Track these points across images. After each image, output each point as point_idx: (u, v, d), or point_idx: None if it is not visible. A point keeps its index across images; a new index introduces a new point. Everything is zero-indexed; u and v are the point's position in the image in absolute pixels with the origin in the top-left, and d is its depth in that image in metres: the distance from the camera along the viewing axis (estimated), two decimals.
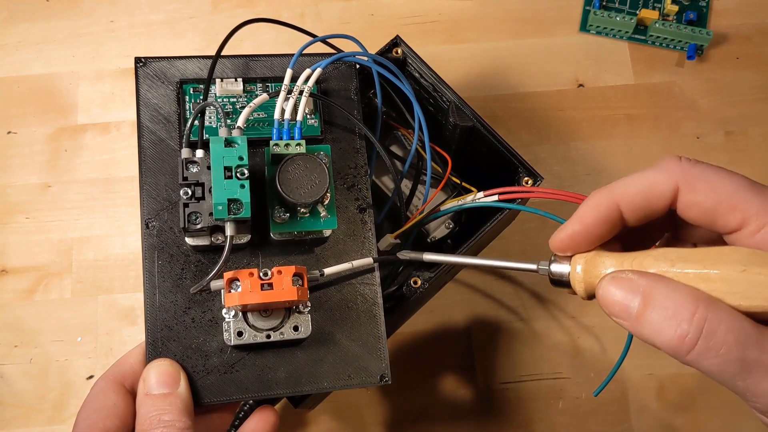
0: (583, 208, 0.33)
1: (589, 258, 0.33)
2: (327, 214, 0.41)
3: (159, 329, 0.40)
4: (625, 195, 0.32)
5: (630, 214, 0.33)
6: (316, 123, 0.45)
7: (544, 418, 0.58)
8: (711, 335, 0.28)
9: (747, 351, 0.28)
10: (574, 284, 0.33)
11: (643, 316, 0.30)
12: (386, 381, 0.42)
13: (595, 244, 0.33)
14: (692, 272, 0.30)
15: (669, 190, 0.31)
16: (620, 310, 0.31)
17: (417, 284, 0.47)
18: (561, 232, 0.33)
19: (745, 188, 0.30)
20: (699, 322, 0.28)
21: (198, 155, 0.39)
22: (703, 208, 0.31)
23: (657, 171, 0.32)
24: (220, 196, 0.37)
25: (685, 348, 0.28)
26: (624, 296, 0.30)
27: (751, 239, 0.30)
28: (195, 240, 0.40)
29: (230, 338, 0.39)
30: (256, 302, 0.38)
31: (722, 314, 0.28)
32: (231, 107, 0.44)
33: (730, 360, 0.28)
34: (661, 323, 0.29)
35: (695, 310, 0.28)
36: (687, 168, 0.31)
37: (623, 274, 0.31)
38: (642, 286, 0.30)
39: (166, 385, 0.38)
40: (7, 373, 0.57)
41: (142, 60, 0.44)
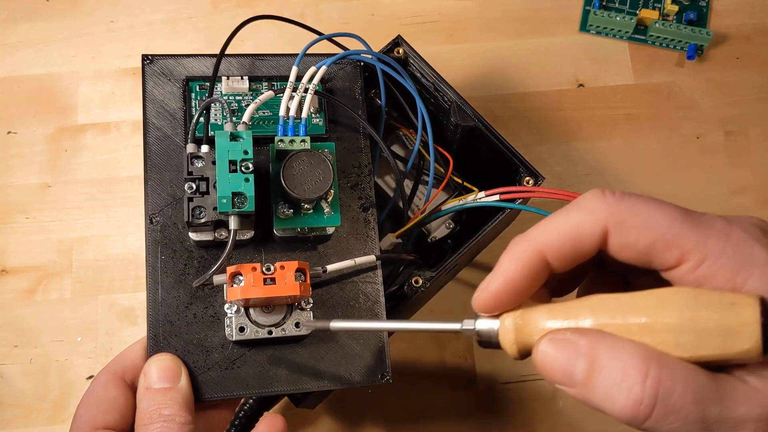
0: (505, 263, 0.30)
1: (518, 314, 0.30)
2: (330, 210, 0.41)
3: (161, 324, 0.40)
4: (548, 243, 0.29)
5: (557, 263, 0.30)
6: (320, 122, 0.45)
7: (544, 419, 0.58)
8: (667, 398, 0.25)
9: (706, 410, 0.25)
10: (504, 345, 0.30)
11: (589, 383, 0.27)
12: (387, 380, 0.42)
13: (523, 299, 0.30)
14: (635, 323, 0.27)
15: (597, 233, 0.29)
16: (563, 376, 0.27)
17: (418, 284, 0.47)
18: (483, 291, 0.30)
19: (680, 221, 0.28)
20: (653, 385, 0.25)
21: (203, 150, 0.40)
22: (636, 249, 0.28)
23: (581, 212, 0.29)
24: (224, 189, 0.38)
25: (642, 416, 0.26)
26: (566, 361, 0.27)
27: (692, 275, 0.27)
28: (198, 235, 0.40)
29: (232, 333, 0.39)
30: (259, 296, 0.38)
31: (676, 371, 0.26)
32: (237, 105, 0.44)
33: (690, 422, 0.25)
34: (611, 389, 0.26)
35: (647, 371, 0.26)
36: (614, 206, 0.28)
37: (561, 335, 0.28)
38: (584, 347, 0.27)
39: (167, 380, 0.38)
40: (7, 373, 0.57)
41: (149, 57, 0.44)
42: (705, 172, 0.63)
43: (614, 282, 0.33)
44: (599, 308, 0.28)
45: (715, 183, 0.62)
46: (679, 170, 0.63)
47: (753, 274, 0.26)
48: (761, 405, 0.26)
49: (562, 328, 0.28)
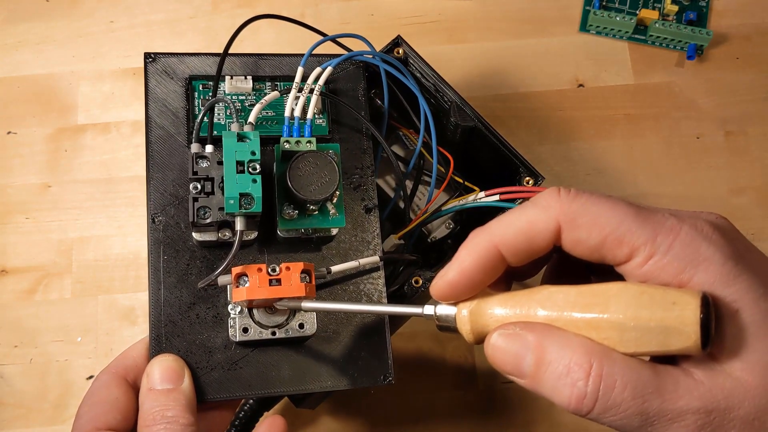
0: (462, 254, 0.31)
1: (474, 304, 0.31)
2: (336, 212, 0.41)
3: (163, 324, 0.40)
4: (504, 238, 0.31)
5: (512, 257, 0.31)
6: (324, 122, 0.45)
7: (545, 418, 0.58)
8: (608, 393, 0.27)
9: (646, 404, 0.27)
10: (461, 331, 0.32)
11: (537, 376, 0.29)
12: (390, 381, 0.42)
13: (478, 289, 0.32)
14: (581, 318, 0.28)
15: (550, 229, 0.30)
16: (512, 368, 0.29)
17: (418, 284, 0.47)
18: (440, 279, 0.32)
19: (630, 219, 0.29)
20: (595, 381, 0.27)
21: (208, 150, 0.39)
22: (588, 246, 0.29)
23: (536, 209, 0.30)
24: (231, 190, 0.37)
25: (585, 409, 0.27)
26: (515, 354, 0.29)
27: (640, 270, 0.29)
28: (202, 235, 0.40)
29: (235, 334, 0.39)
30: (264, 298, 0.37)
31: (617, 367, 0.27)
32: (240, 105, 0.44)
33: (629, 415, 0.27)
34: (557, 383, 0.28)
35: (589, 367, 0.27)
36: (566, 203, 0.30)
37: (510, 329, 0.29)
38: (532, 342, 0.29)
39: (170, 381, 0.38)
40: (7, 373, 0.57)
41: (151, 55, 0.44)
42: (705, 172, 0.63)
43: (578, 267, 0.34)
44: (548, 301, 0.29)
45: (715, 183, 0.62)
46: (679, 170, 0.63)
47: (699, 270, 0.28)
48: (701, 398, 0.27)
49: (512, 321, 0.30)
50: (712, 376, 0.27)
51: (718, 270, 0.28)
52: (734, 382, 0.27)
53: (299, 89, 0.43)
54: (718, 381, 0.27)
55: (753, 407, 0.26)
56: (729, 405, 0.27)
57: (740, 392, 0.27)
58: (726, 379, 0.27)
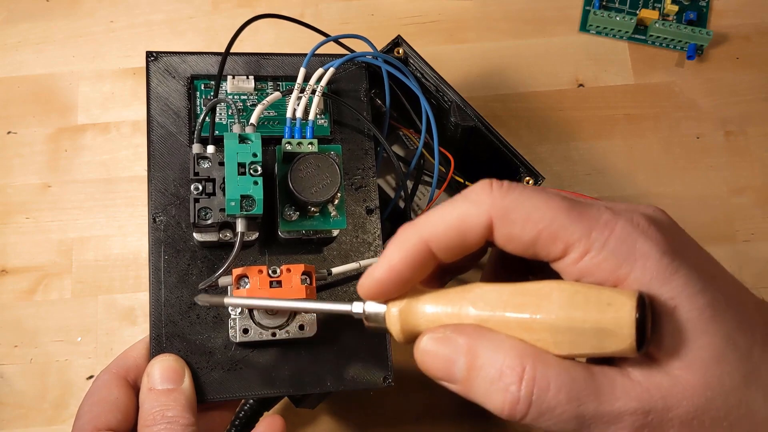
0: (390, 250, 0.30)
1: (403, 303, 0.30)
2: (337, 214, 0.41)
3: (163, 324, 0.40)
4: (434, 234, 0.29)
5: (443, 254, 0.29)
6: (325, 123, 0.45)
7: None
8: (542, 398, 0.26)
9: (582, 407, 0.26)
10: (391, 330, 0.30)
11: (469, 381, 0.28)
12: (390, 383, 0.42)
13: (408, 286, 0.30)
14: (514, 319, 0.27)
15: (482, 224, 0.28)
16: (444, 374, 0.28)
17: None
18: (367, 278, 0.30)
19: (564, 214, 0.28)
20: (528, 385, 0.26)
21: (209, 151, 0.39)
22: (521, 241, 0.28)
23: (467, 203, 0.29)
24: (233, 192, 0.38)
25: (518, 415, 0.26)
26: (446, 358, 0.28)
27: (575, 267, 0.28)
28: (203, 236, 0.40)
29: (236, 335, 0.39)
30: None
31: (550, 371, 0.26)
32: (242, 104, 0.44)
33: (565, 419, 0.26)
34: (489, 388, 0.27)
35: (522, 371, 0.26)
36: (498, 198, 0.28)
37: (441, 332, 0.28)
38: (463, 346, 0.27)
39: (171, 381, 0.38)
40: (7, 373, 0.57)
41: (153, 54, 0.44)
42: (705, 172, 0.63)
43: (517, 263, 0.33)
44: (481, 301, 0.28)
45: (715, 183, 0.62)
46: (679, 170, 0.63)
47: (635, 266, 0.27)
48: (639, 398, 0.26)
49: (443, 322, 0.29)
50: (650, 375, 0.26)
51: (654, 266, 0.27)
52: (672, 380, 0.26)
53: (301, 90, 0.43)
54: (656, 380, 0.26)
55: (692, 406, 0.26)
56: (667, 405, 0.26)
57: (679, 391, 0.26)
58: (664, 378, 0.26)
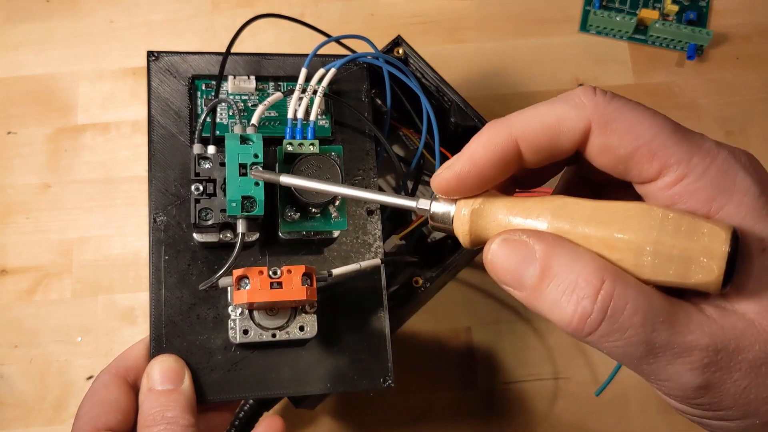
0: (475, 145, 0.28)
1: (476, 203, 0.28)
2: (338, 215, 0.41)
3: (163, 325, 0.40)
4: (526, 132, 0.27)
5: (530, 155, 0.28)
6: (326, 123, 0.45)
7: (544, 419, 0.58)
8: (616, 316, 0.25)
9: (655, 333, 0.25)
10: (457, 232, 0.29)
11: (539, 289, 0.26)
12: (389, 384, 0.42)
13: (486, 187, 0.28)
14: (596, 236, 0.26)
15: (579, 129, 0.27)
16: (512, 279, 0.27)
17: (418, 284, 0.47)
18: (447, 170, 0.28)
19: (667, 133, 0.26)
20: (604, 301, 0.25)
21: (210, 151, 0.39)
22: (616, 154, 0.27)
23: (566, 105, 0.27)
24: (234, 192, 0.37)
25: (587, 329, 0.25)
26: (518, 263, 0.26)
27: (667, 192, 0.26)
28: (203, 236, 0.40)
29: (236, 336, 0.39)
30: (265, 301, 0.37)
31: (629, 291, 0.25)
32: (243, 105, 0.44)
33: (634, 343, 0.25)
34: (560, 299, 0.25)
35: (600, 285, 0.25)
36: (602, 104, 0.27)
37: (516, 236, 0.27)
38: (539, 252, 0.26)
39: (170, 382, 0.38)
40: (7, 373, 0.57)
41: (154, 54, 0.44)
42: None
43: (587, 191, 0.32)
44: (561, 212, 0.27)
45: None
46: None
47: (732, 200, 0.25)
48: (712, 335, 0.25)
49: (518, 228, 0.27)
50: (726, 315, 0.25)
51: (751, 203, 0.25)
52: (747, 323, 0.25)
53: (302, 90, 0.43)
54: (731, 321, 0.25)
55: (763, 352, 0.25)
56: (739, 346, 0.25)
57: (752, 335, 0.25)
58: (739, 320, 0.25)
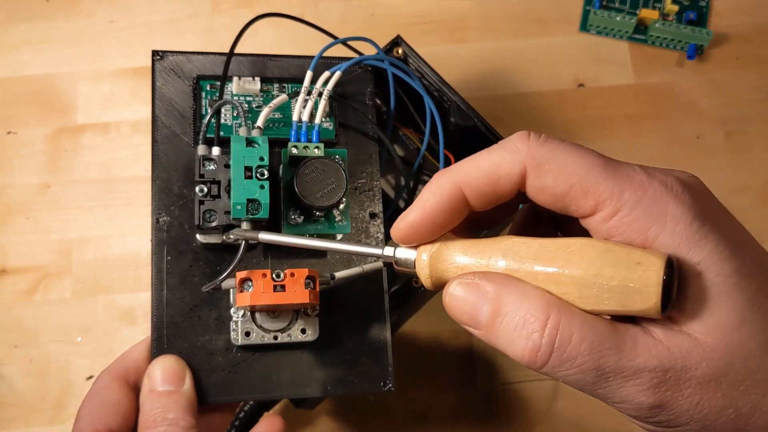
0: (425, 194, 0.30)
1: (434, 248, 0.30)
2: (342, 218, 0.41)
3: (165, 325, 0.40)
4: (468, 180, 0.29)
5: (475, 200, 0.30)
6: (330, 126, 0.45)
7: (544, 419, 0.58)
8: (564, 347, 0.26)
9: (603, 359, 0.26)
10: (419, 276, 0.31)
11: (493, 327, 0.28)
12: (390, 388, 0.42)
13: (441, 232, 0.31)
14: (542, 272, 0.28)
15: (515, 173, 0.29)
16: (469, 319, 0.29)
17: (418, 284, 0.47)
18: (401, 221, 0.31)
19: (598, 169, 0.28)
20: (551, 333, 0.26)
21: (214, 153, 0.39)
22: (552, 193, 0.28)
23: (503, 151, 0.29)
24: (239, 195, 0.38)
25: (539, 362, 0.27)
26: (473, 304, 0.28)
27: (605, 225, 0.28)
28: (206, 238, 0.40)
29: (238, 338, 0.39)
30: (268, 303, 0.37)
31: (575, 322, 0.26)
32: (248, 106, 0.44)
33: (584, 370, 0.26)
34: (512, 334, 0.27)
35: (546, 320, 0.27)
36: (535, 148, 0.28)
37: (470, 278, 0.29)
38: (490, 293, 0.28)
39: (172, 383, 0.38)
40: (7, 373, 0.57)
41: (159, 53, 0.44)
42: (705, 172, 0.62)
43: (545, 222, 0.34)
44: (510, 252, 0.28)
45: (715, 183, 0.62)
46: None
47: (665, 229, 0.27)
48: (659, 356, 0.26)
49: (472, 270, 0.29)
50: (671, 336, 0.27)
51: (684, 230, 0.27)
52: (693, 342, 0.26)
53: (308, 93, 0.42)
54: (677, 341, 0.26)
55: (710, 368, 0.26)
56: (686, 365, 0.26)
57: (698, 353, 0.26)
58: (685, 340, 0.26)
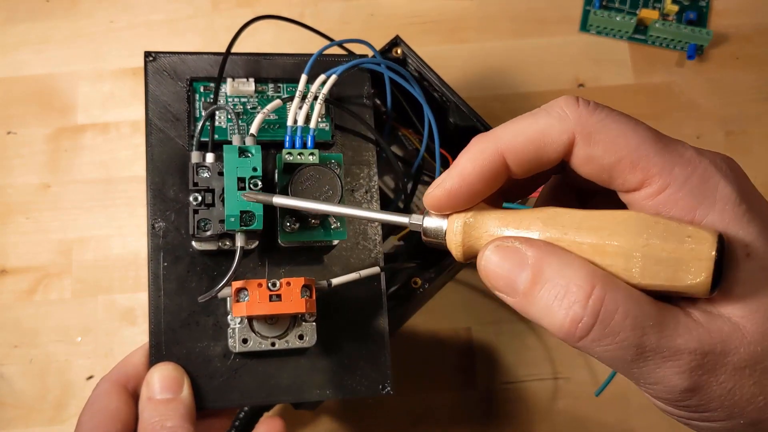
0: (464, 161, 0.29)
1: (468, 216, 0.29)
2: (338, 225, 0.41)
3: (163, 332, 0.40)
4: (512, 146, 0.28)
5: (517, 167, 0.28)
6: (327, 126, 0.44)
7: (544, 419, 0.58)
8: (607, 320, 0.25)
9: (645, 337, 0.25)
10: (450, 245, 0.29)
11: (531, 294, 0.26)
12: (389, 391, 0.42)
13: (476, 200, 0.29)
14: (586, 242, 0.26)
15: (563, 141, 0.27)
16: (505, 285, 0.27)
17: (417, 284, 0.47)
18: (438, 188, 0.29)
19: (650, 143, 0.27)
20: (595, 305, 0.25)
21: (209, 160, 0.39)
22: (600, 164, 0.27)
23: (550, 117, 0.28)
24: (232, 207, 0.37)
25: (579, 334, 0.25)
26: (510, 269, 0.27)
27: (651, 201, 0.26)
28: (202, 245, 0.40)
29: (235, 345, 0.39)
30: (264, 314, 0.37)
31: (620, 295, 0.25)
32: (242, 107, 0.44)
33: (625, 347, 0.25)
34: (552, 304, 0.26)
35: (591, 291, 0.25)
36: (585, 116, 0.27)
37: (509, 242, 0.27)
38: (531, 258, 0.26)
39: (170, 390, 0.38)
40: (7, 374, 0.57)
41: (151, 54, 0.43)
42: None
43: (570, 201, 0.33)
44: (552, 221, 0.27)
45: None
46: None
47: (714, 208, 0.26)
48: (699, 339, 0.25)
49: (510, 236, 0.28)
50: (712, 319, 0.26)
51: (733, 210, 0.26)
52: (733, 327, 0.26)
53: (302, 97, 0.42)
54: (717, 325, 0.26)
55: (747, 354, 0.25)
56: (725, 349, 0.25)
57: (737, 338, 0.25)
58: (725, 324, 0.26)
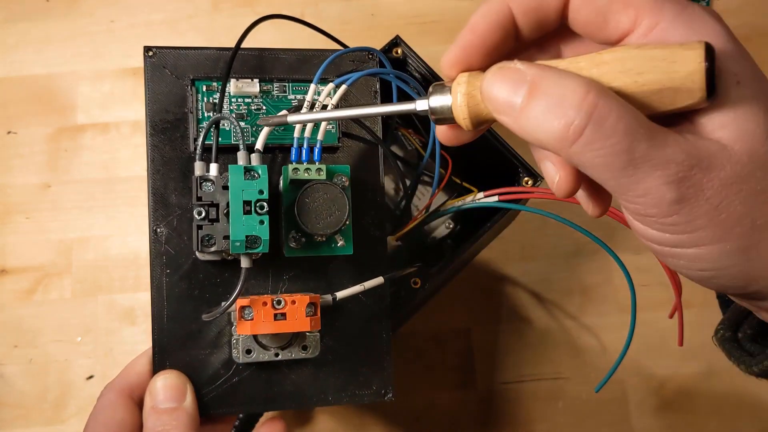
0: (474, 18, 0.30)
1: (465, 78, 0.29)
2: (344, 242, 0.41)
3: (166, 339, 0.40)
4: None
5: (522, 18, 0.30)
6: (333, 129, 0.43)
7: (544, 419, 0.58)
8: (601, 122, 0.25)
9: (636, 143, 0.25)
10: (458, 116, 0.30)
11: (527, 108, 0.27)
12: (390, 398, 0.42)
13: (490, 56, 0.30)
14: (584, 62, 0.27)
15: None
16: (504, 104, 0.27)
17: (417, 284, 0.47)
18: (454, 46, 0.30)
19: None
20: (588, 108, 0.25)
21: (212, 172, 0.38)
22: (596, 6, 0.28)
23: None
24: (238, 233, 0.36)
25: (571, 137, 0.26)
26: (509, 88, 0.27)
27: (643, 40, 0.28)
28: (206, 256, 0.40)
29: (239, 356, 0.39)
30: (269, 332, 0.37)
31: (613, 102, 0.26)
32: (246, 108, 0.42)
33: (616, 152, 0.26)
34: (546, 114, 0.26)
35: (585, 96, 0.26)
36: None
37: (510, 64, 0.28)
38: (530, 76, 0.27)
39: (173, 399, 0.38)
40: (7, 373, 0.57)
41: (151, 49, 0.41)
42: None
43: None
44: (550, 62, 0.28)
45: None
46: None
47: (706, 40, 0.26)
48: (687, 151, 0.26)
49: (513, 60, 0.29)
50: (700, 139, 0.27)
51: (725, 44, 0.27)
52: (719, 147, 0.26)
53: (311, 107, 0.41)
54: (705, 144, 0.26)
55: (734, 172, 0.26)
56: (711, 165, 0.26)
57: (724, 156, 0.26)
58: (713, 144, 0.26)
